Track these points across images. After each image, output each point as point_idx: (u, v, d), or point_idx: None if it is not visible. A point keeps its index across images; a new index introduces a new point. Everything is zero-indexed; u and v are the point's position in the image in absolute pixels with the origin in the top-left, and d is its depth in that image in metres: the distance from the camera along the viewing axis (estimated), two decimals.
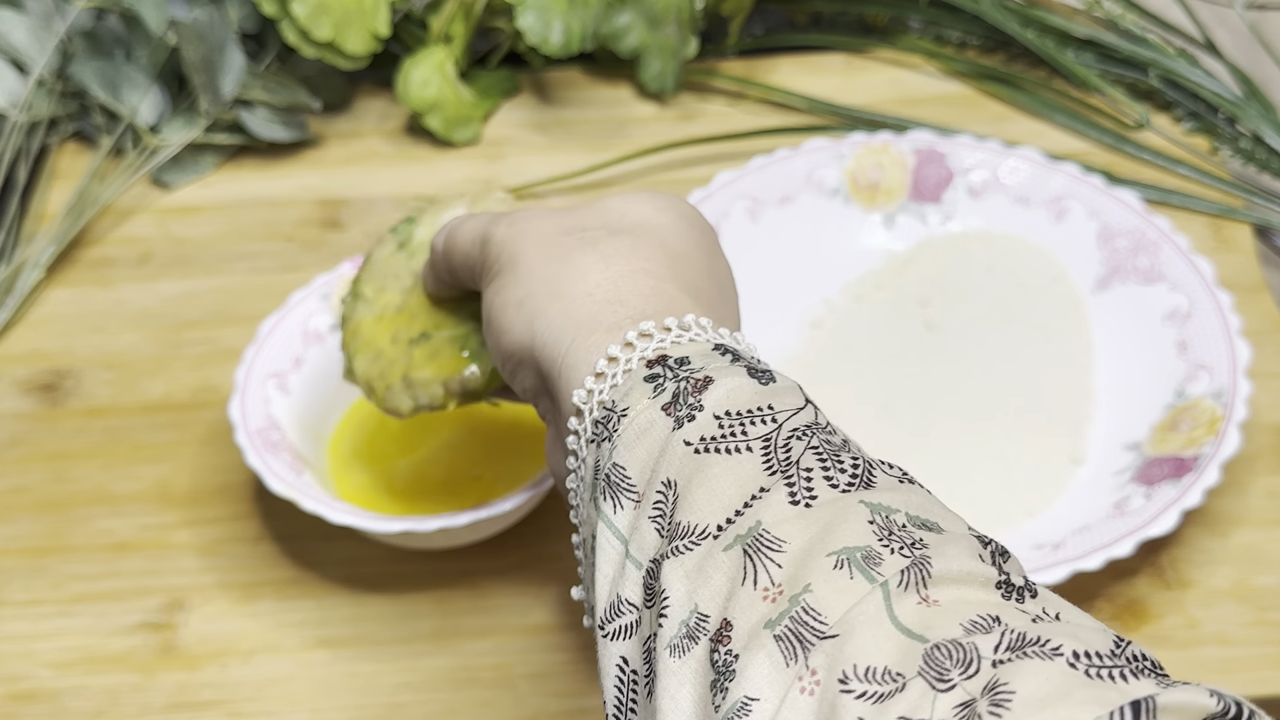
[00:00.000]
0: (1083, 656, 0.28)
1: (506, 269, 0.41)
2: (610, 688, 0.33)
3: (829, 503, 0.32)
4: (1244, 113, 0.68)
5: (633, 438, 0.35)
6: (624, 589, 0.33)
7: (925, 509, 0.32)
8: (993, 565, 0.31)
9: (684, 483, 0.33)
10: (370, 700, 0.50)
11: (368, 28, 0.66)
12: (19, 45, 0.67)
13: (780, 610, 0.30)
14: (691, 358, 0.36)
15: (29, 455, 0.58)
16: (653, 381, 0.36)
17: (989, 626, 0.29)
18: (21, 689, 0.51)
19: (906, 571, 0.30)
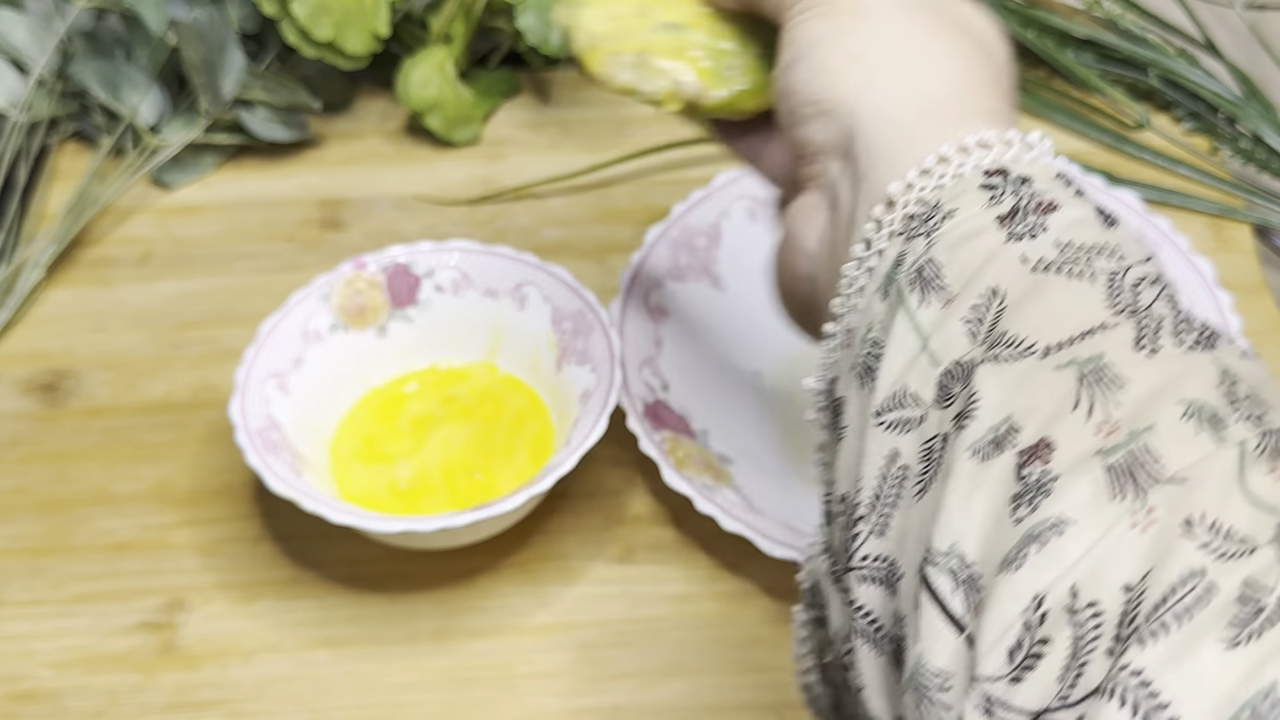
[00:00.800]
0: None
1: (849, 12, 0.38)
2: (871, 478, 0.32)
3: (1179, 356, 0.30)
4: (1244, 113, 0.68)
5: (957, 239, 0.33)
6: (912, 382, 0.32)
7: (1264, 387, 0.31)
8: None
9: (1015, 295, 0.31)
10: (371, 700, 0.51)
11: (368, 28, 0.66)
12: (19, 45, 0.67)
13: (1115, 444, 0.28)
14: (1034, 178, 0.34)
15: (29, 455, 0.58)
16: (989, 191, 0.34)
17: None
18: (21, 689, 0.51)
19: (1263, 439, 0.28)
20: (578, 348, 0.55)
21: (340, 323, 0.57)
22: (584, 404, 0.53)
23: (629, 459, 0.56)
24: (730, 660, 0.51)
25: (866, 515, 0.32)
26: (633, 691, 0.50)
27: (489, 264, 0.57)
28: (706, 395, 0.57)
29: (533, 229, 0.66)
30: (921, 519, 0.30)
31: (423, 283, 0.57)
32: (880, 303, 0.34)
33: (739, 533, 0.51)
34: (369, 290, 0.57)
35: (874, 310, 0.34)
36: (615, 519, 0.55)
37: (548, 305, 0.56)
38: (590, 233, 0.66)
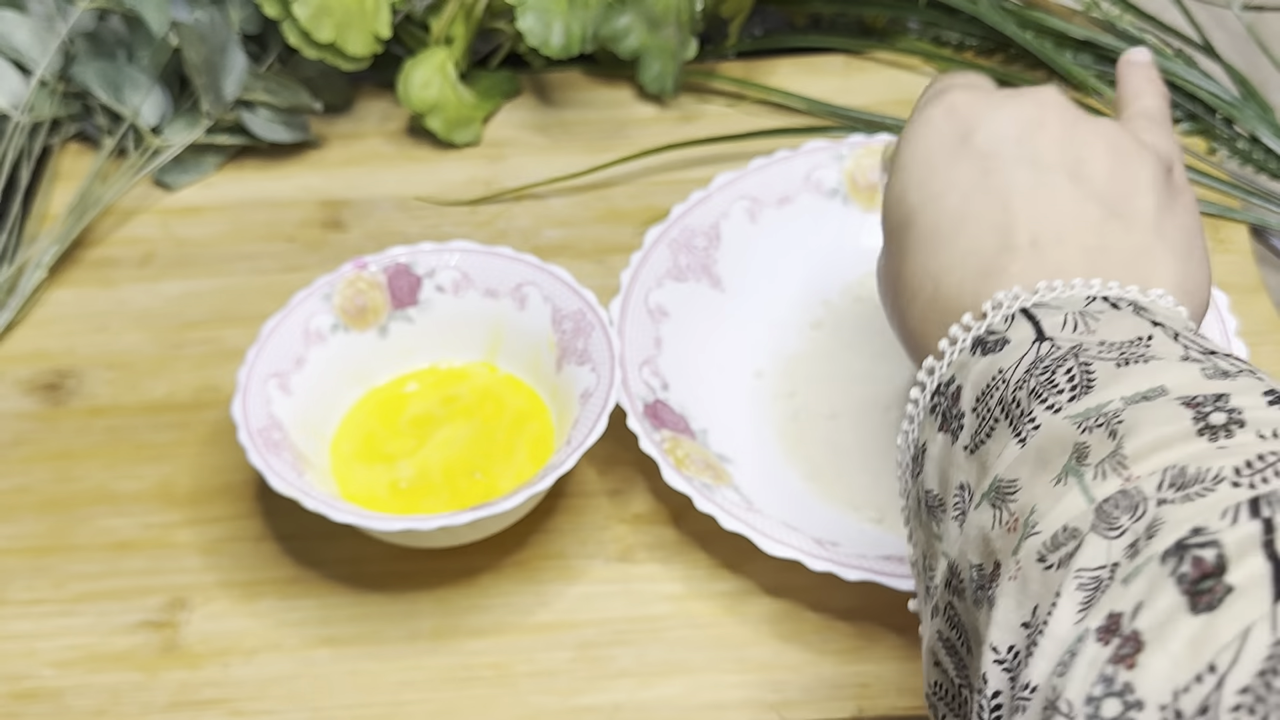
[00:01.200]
0: (1244, 469, 0.29)
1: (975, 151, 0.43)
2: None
3: (1045, 427, 0.34)
4: (1241, 114, 0.68)
5: (929, 463, 0.38)
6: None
7: (1151, 376, 0.34)
8: (1193, 410, 0.32)
9: (956, 483, 0.37)
10: (372, 699, 0.51)
11: (369, 29, 0.67)
12: (21, 46, 0.67)
13: (1019, 535, 0.32)
14: (952, 366, 0.39)
15: (31, 455, 0.58)
16: (933, 413, 0.38)
17: (1171, 471, 0.30)
18: (23, 688, 0.51)
19: (1101, 464, 0.31)
20: (578, 348, 0.55)
21: (341, 323, 0.57)
22: (584, 404, 0.53)
23: (629, 459, 0.56)
24: (729, 659, 0.51)
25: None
26: (632, 690, 0.51)
27: (489, 264, 0.58)
28: (706, 395, 0.57)
29: (533, 229, 0.66)
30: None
31: (424, 283, 0.58)
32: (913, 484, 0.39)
33: (738, 532, 0.51)
34: (370, 290, 0.57)
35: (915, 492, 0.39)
36: (615, 518, 0.55)
37: (548, 305, 0.56)
38: (590, 233, 0.66)
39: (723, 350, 0.59)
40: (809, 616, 0.52)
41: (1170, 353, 0.35)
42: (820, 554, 0.50)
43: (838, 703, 0.50)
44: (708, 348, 0.59)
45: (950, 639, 0.36)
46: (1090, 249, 0.40)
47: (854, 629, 0.51)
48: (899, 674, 0.50)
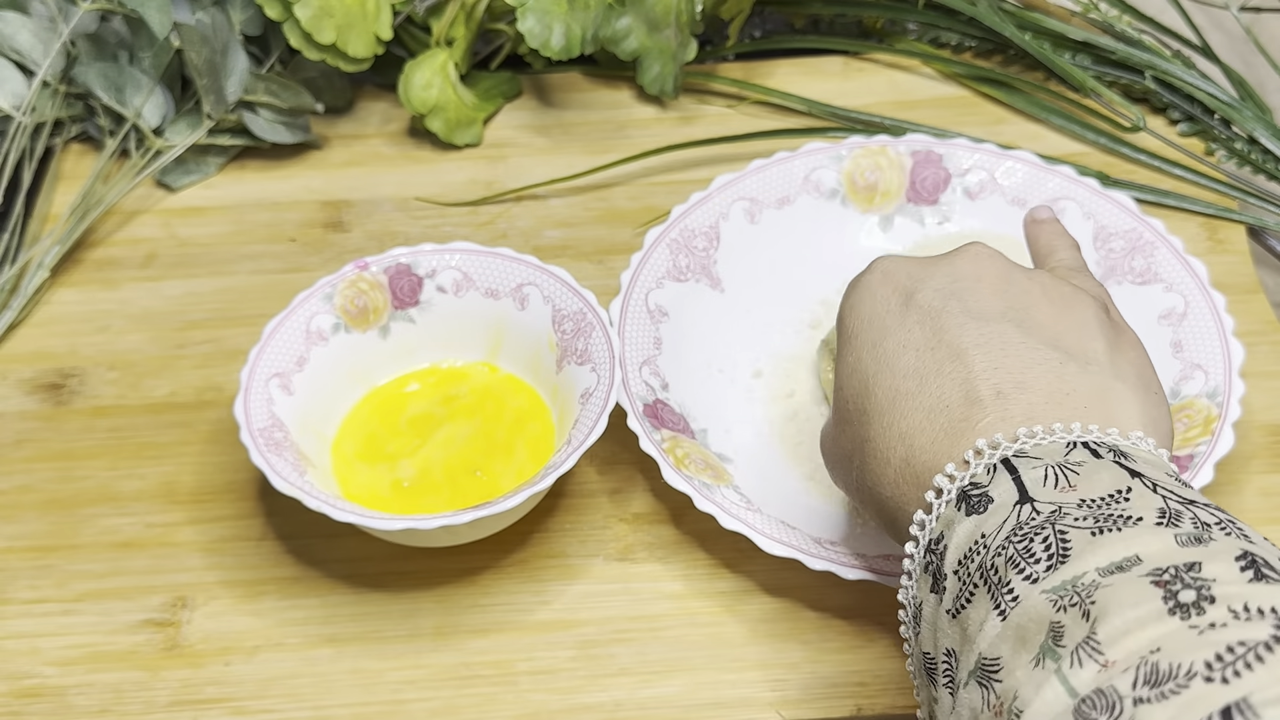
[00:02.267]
0: (1214, 663, 0.30)
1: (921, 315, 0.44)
2: None
3: (1024, 601, 0.34)
4: (1239, 115, 0.68)
5: (924, 624, 0.39)
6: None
7: (1126, 545, 0.34)
8: (1163, 589, 0.32)
9: (944, 649, 0.38)
10: (373, 697, 0.51)
11: (370, 31, 0.67)
12: (23, 48, 0.67)
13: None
14: (940, 521, 0.39)
15: (35, 455, 0.58)
16: (925, 571, 0.39)
17: (1144, 667, 0.31)
18: (26, 686, 0.52)
19: (1078, 649, 0.32)
20: (578, 348, 0.55)
21: (343, 323, 0.57)
22: (584, 404, 0.53)
23: (629, 458, 0.56)
24: (729, 657, 0.51)
25: None
26: (632, 688, 0.51)
27: (490, 265, 0.58)
28: (706, 395, 0.58)
29: (534, 230, 0.66)
30: None
31: (425, 283, 0.58)
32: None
33: (738, 531, 0.51)
34: (371, 291, 0.57)
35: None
36: (615, 518, 0.56)
37: (548, 306, 0.57)
38: (591, 234, 0.66)
39: (723, 350, 0.59)
40: (808, 615, 0.52)
41: (1148, 511, 0.35)
42: (819, 553, 0.50)
43: (836, 701, 0.50)
44: (708, 348, 0.59)
45: None
46: (1054, 393, 0.40)
47: (853, 628, 0.52)
48: (897, 672, 0.51)
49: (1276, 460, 0.56)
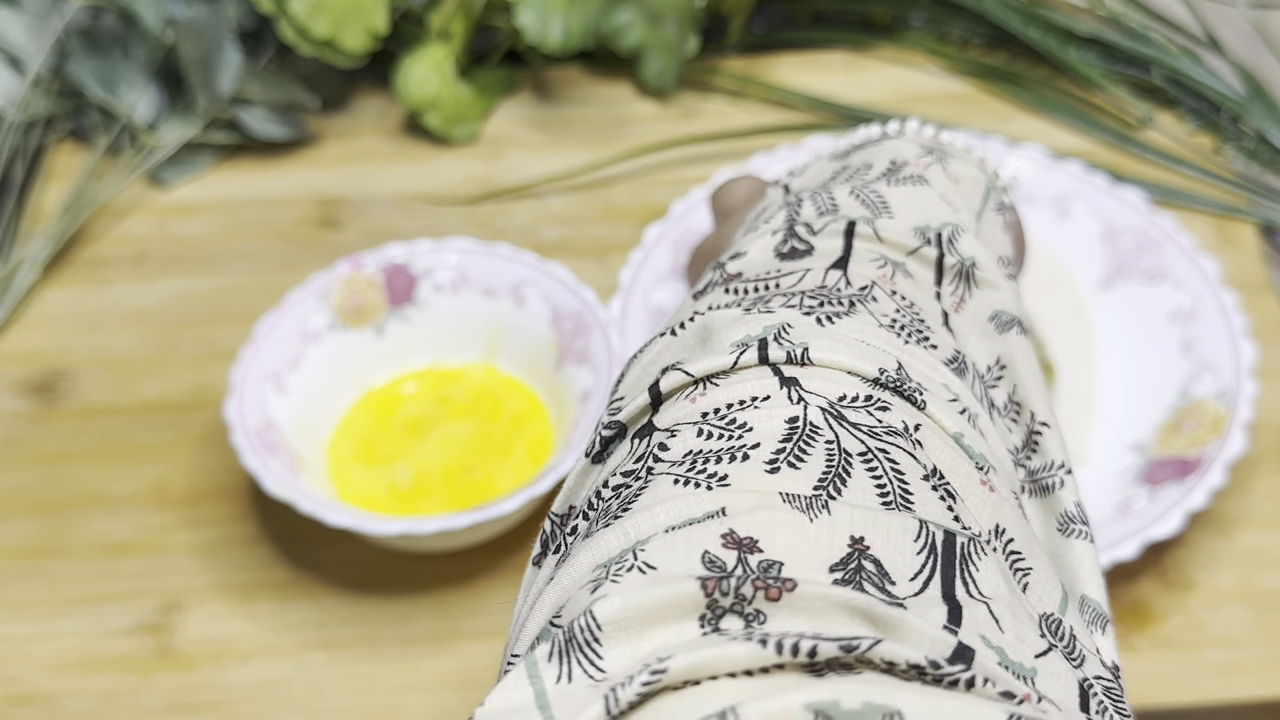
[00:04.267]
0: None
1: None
2: None
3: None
4: (1248, 111, 0.67)
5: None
6: None
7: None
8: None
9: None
10: (368, 702, 0.50)
11: (366, 25, 0.66)
12: (16, 43, 0.66)
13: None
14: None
15: (25, 456, 0.58)
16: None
17: None
18: (17, 691, 0.51)
19: None
20: (577, 347, 0.54)
21: (338, 322, 0.56)
22: (583, 404, 0.53)
23: None
24: None
25: None
26: None
27: (488, 263, 0.57)
28: None
29: (532, 228, 0.65)
30: None
31: (421, 282, 0.57)
32: None
33: None
34: (367, 290, 0.57)
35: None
36: None
37: (547, 305, 0.56)
38: (590, 232, 0.65)
39: None
40: None
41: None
42: None
43: None
44: None
45: None
46: None
47: None
48: None
49: None
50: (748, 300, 0.35)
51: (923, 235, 0.38)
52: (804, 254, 0.37)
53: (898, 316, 0.34)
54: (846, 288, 0.35)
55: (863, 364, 0.32)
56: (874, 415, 0.31)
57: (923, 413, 0.31)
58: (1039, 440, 0.35)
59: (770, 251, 0.37)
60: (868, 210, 0.38)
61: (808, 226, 0.38)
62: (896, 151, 0.42)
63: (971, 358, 0.36)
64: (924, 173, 0.41)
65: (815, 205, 0.39)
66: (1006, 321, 0.37)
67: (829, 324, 0.33)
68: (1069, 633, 0.29)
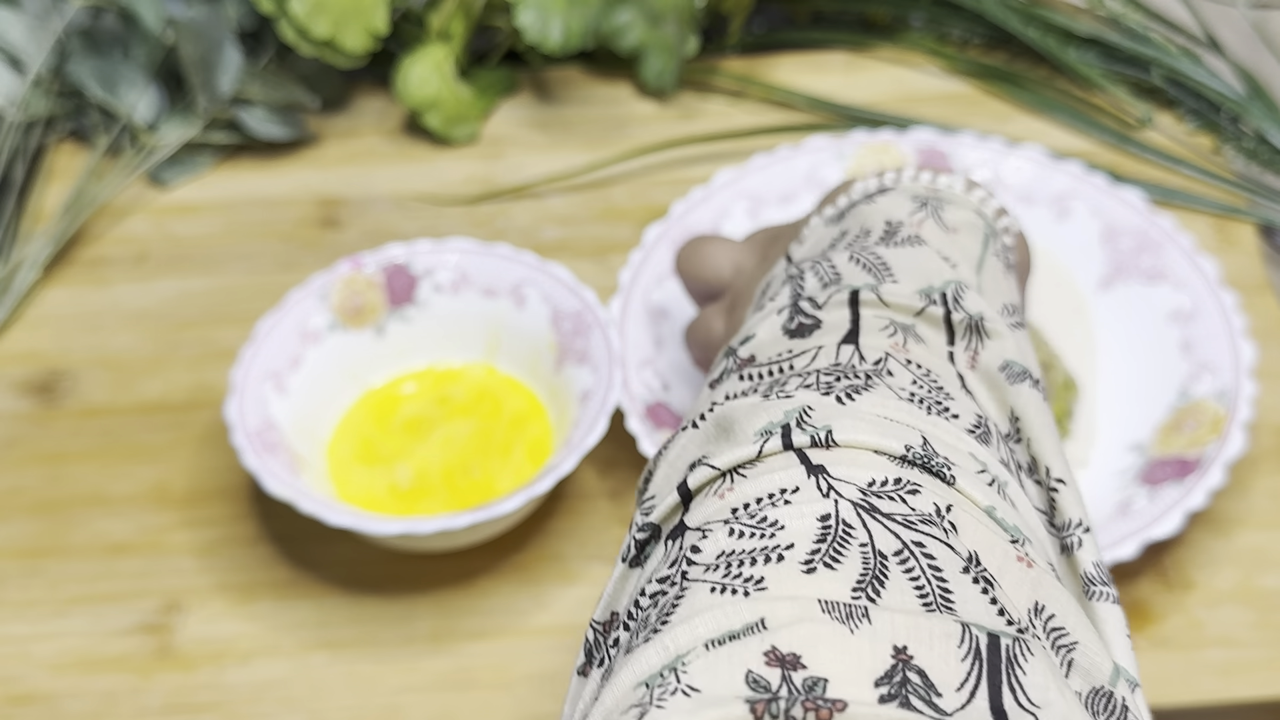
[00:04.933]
0: None
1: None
2: None
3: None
4: (1248, 111, 0.67)
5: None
6: None
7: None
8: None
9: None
10: (369, 702, 0.50)
11: (366, 26, 0.66)
12: (16, 43, 0.66)
13: None
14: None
15: (25, 456, 0.58)
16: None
17: None
18: (17, 691, 0.51)
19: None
20: (577, 348, 0.54)
21: (338, 322, 0.56)
22: (583, 404, 0.53)
23: (629, 459, 0.56)
24: None
25: None
26: None
27: (488, 263, 0.57)
28: None
29: (532, 228, 0.65)
30: None
31: (421, 282, 0.57)
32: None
33: None
34: (367, 290, 0.57)
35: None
36: (615, 520, 0.55)
37: (547, 305, 0.56)
38: (590, 232, 0.65)
39: None
40: None
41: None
42: None
43: None
44: None
45: None
46: None
47: None
48: None
49: None
50: (764, 385, 0.35)
51: (927, 296, 0.37)
52: (812, 329, 0.36)
53: (915, 389, 0.34)
54: (861, 363, 0.35)
55: (888, 441, 0.31)
56: (905, 501, 0.30)
57: (952, 488, 0.31)
58: (1055, 498, 0.35)
59: (779, 330, 0.37)
60: (870, 275, 0.38)
61: (812, 301, 0.37)
62: (890, 210, 0.42)
63: (992, 417, 0.35)
64: (919, 231, 0.40)
65: (818, 276, 0.39)
66: (1018, 373, 0.37)
67: (849, 401, 0.32)
68: (1120, 705, 0.29)
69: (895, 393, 0.33)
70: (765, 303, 0.40)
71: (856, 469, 0.30)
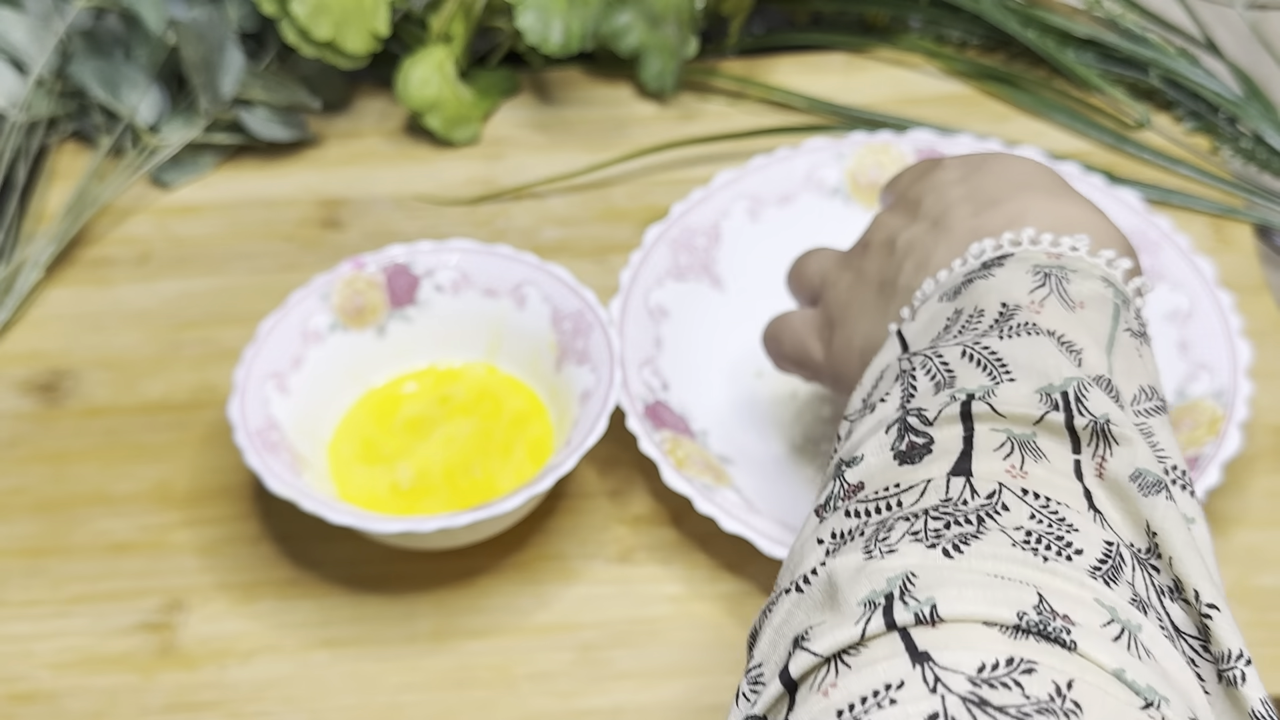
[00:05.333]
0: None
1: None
2: None
3: None
4: (1245, 112, 0.68)
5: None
6: None
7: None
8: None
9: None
10: (370, 701, 0.50)
11: (367, 27, 0.66)
12: (18, 45, 0.67)
13: None
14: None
15: (28, 455, 0.58)
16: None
17: None
18: (20, 689, 0.51)
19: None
20: (577, 348, 0.55)
21: (339, 323, 0.56)
22: (584, 404, 0.53)
23: (629, 459, 0.56)
24: (730, 660, 0.51)
25: None
26: (633, 692, 0.50)
27: (488, 264, 0.57)
28: (706, 395, 0.57)
29: (532, 229, 0.66)
30: None
31: (422, 282, 0.57)
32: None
33: (739, 533, 0.51)
34: (368, 290, 0.57)
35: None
36: (615, 519, 0.55)
37: (547, 305, 0.56)
38: (590, 232, 0.65)
39: (723, 350, 0.59)
40: None
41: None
42: None
43: None
44: (708, 348, 0.59)
45: None
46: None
47: None
48: None
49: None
50: (871, 524, 0.33)
51: (1047, 398, 0.35)
52: (923, 451, 0.34)
53: (1034, 524, 0.32)
54: (973, 498, 0.33)
55: (998, 610, 0.29)
56: (1020, 687, 0.28)
57: (1074, 654, 0.29)
58: (1210, 625, 0.32)
59: (888, 453, 0.35)
60: (984, 374, 0.36)
61: (922, 416, 0.35)
62: (1007, 289, 0.39)
63: (1125, 538, 0.33)
64: (1038, 316, 0.37)
65: (929, 375, 0.37)
66: (1152, 484, 0.34)
67: (957, 554, 0.31)
68: None
69: (1009, 535, 0.31)
70: (875, 401, 0.38)
71: (964, 652, 0.28)
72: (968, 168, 0.45)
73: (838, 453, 0.38)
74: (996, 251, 0.41)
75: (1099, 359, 0.37)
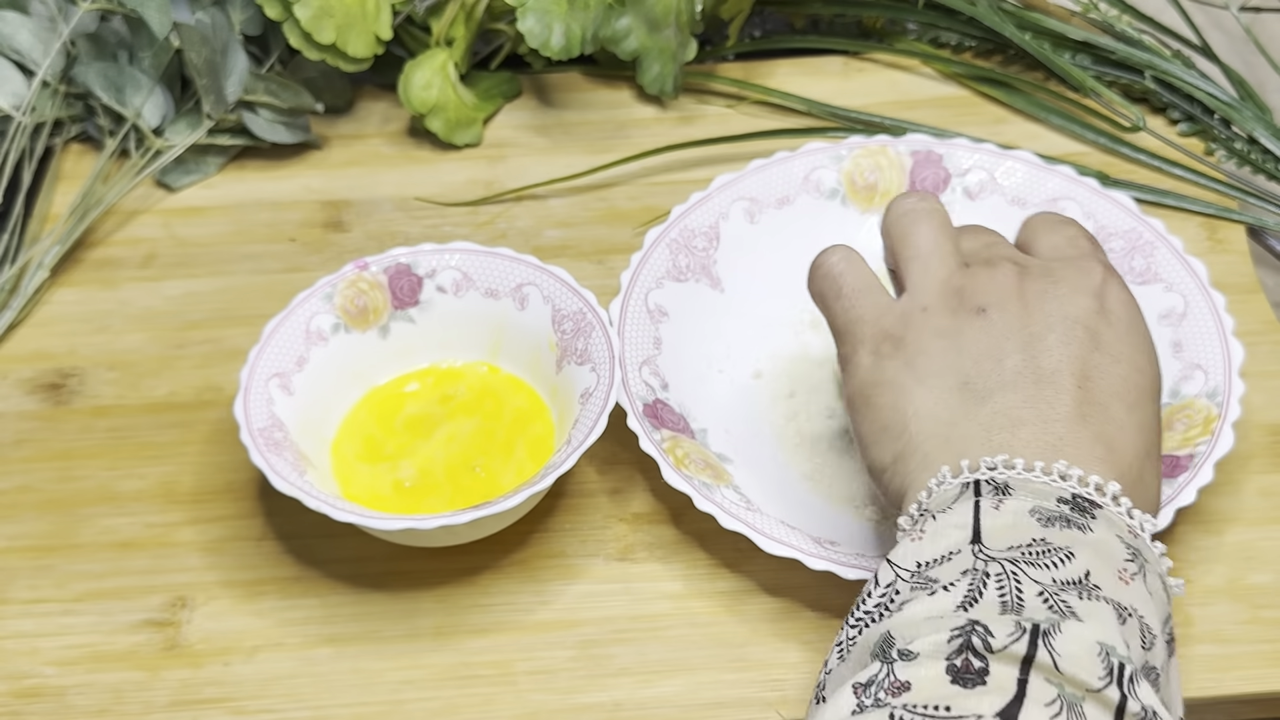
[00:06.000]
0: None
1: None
2: None
3: None
4: (1239, 115, 0.68)
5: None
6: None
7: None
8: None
9: None
10: (373, 697, 0.51)
11: (370, 31, 0.67)
12: (23, 48, 0.67)
13: None
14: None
15: (34, 455, 0.58)
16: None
17: None
18: (26, 686, 0.52)
19: None
20: (578, 348, 0.55)
21: (343, 323, 0.57)
22: (584, 403, 0.53)
23: (629, 458, 0.56)
24: (729, 657, 0.51)
25: None
26: (632, 688, 0.51)
27: (490, 265, 0.58)
28: (706, 395, 0.57)
29: (533, 230, 0.66)
30: None
31: (424, 283, 0.58)
32: None
33: (738, 531, 0.51)
34: (371, 291, 0.57)
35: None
36: (615, 517, 0.56)
37: (548, 306, 0.57)
38: (590, 234, 0.66)
39: (722, 350, 0.59)
40: (808, 615, 0.52)
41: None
42: (819, 553, 0.50)
43: None
44: (707, 348, 0.59)
45: None
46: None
47: None
48: None
49: (1276, 460, 0.56)
50: None
51: (1106, 662, 0.35)
52: (977, 681, 0.35)
53: None
54: None
55: None
56: None
57: None
58: None
59: (942, 663, 0.35)
60: (1055, 617, 0.36)
61: (985, 640, 0.36)
62: (1101, 549, 0.39)
63: None
64: (1121, 593, 0.38)
65: (999, 594, 0.37)
66: None
67: None
68: None
69: None
70: (937, 576, 0.38)
71: None
72: (1102, 314, 0.45)
73: (882, 620, 0.38)
74: (1083, 490, 0.41)
75: (1161, 656, 0.38)
